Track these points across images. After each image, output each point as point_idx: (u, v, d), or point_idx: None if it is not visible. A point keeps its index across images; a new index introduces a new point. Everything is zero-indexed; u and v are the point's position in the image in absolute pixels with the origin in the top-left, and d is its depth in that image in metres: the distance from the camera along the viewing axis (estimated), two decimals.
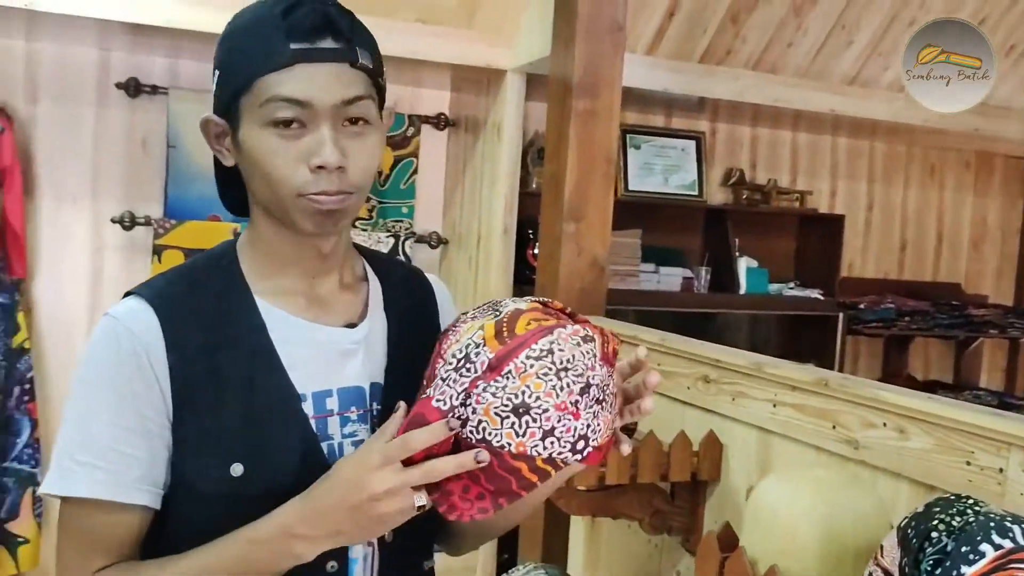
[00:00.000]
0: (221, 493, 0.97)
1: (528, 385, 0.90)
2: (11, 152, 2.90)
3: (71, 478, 0.96)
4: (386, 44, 3.07)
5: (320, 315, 1.06)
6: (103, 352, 0.98)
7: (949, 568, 0.97)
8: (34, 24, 2.88)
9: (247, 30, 0.98)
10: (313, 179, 0.97)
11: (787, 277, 4.04)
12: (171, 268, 1.08)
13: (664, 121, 3.91)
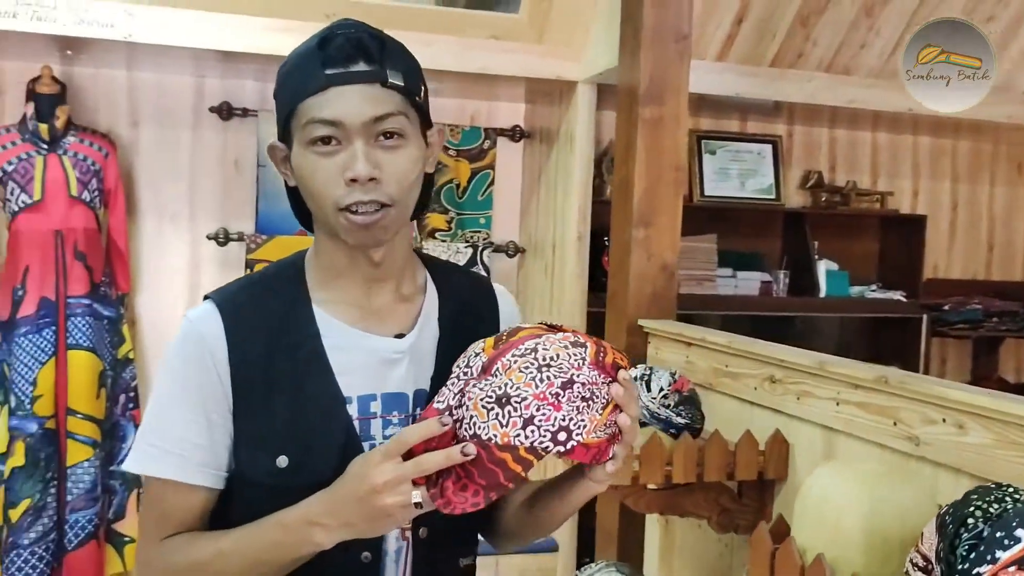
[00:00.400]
0: (268, 482, 1.07)
1: (511, 379, 0.97)
2: (115, 175, 3.11)
3: (145, 459, 1.09)
4: (460, 61, 3.19)
5: (373, 325, 1.14)
6: (178, 353, 1.11)
7: (983, 552, 1.00)
8: (134, 55, 3.09)
9: (293, 63, 1.10)
10: (347, 191, 1.05)
11: (869, 279, 4.00)
12: (247, 275, 1.19)
13: (739, 126, 3.92)
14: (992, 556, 0.99)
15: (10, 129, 2.99)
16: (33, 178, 2.94)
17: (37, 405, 2.91)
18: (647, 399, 1.92)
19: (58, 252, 2.95)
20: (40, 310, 2.92)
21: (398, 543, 1.13)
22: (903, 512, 1.21)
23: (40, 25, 2.71)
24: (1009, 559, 0.98)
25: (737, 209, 3.83)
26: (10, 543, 2.88)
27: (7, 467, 2.90)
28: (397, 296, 1.17)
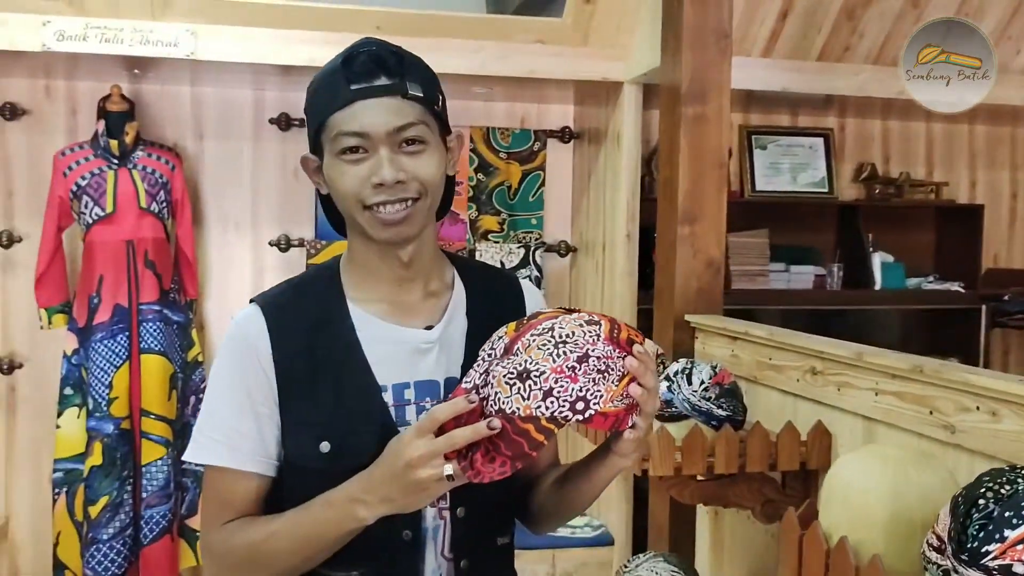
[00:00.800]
0: (313, 467, 1.16)
1: (531, 356, 1.04)
2: (182, 186, 3.26)
3: (200, 450, 1.19)
4: (508, 66, 3.27)
5: (403, 318, 1.22)
6: (226, 352, 1.21)
7: (992, 532, 1.03)
8: (197, 72, 3.24)
9: (320, 81, 1.19)
10: (373, 193, 1.15)
11: (926, 271, 3.96)
12: (288, 279, 1.28)
13: (790, 120, 3.92)
14: (1000, 535, 1.02)
15: (83, 146, 3.17)
16: (105, 192, 3.11)
17: (113, 407, 3.07)
18: (688, 392, 1.96)
19: (130, 261, 3.11)
20: (114, 316, 3.09)
21: (436, 522, 1.20)
22: (926, 495, 1.24)
23: (108, 47, 2.86)
24: (1017, 537, 1.02)
25: (789, 203, 3.83)
26: (90, 538, 3.04)
27: (86, 466, 3.06)
28: (426, 292, 1.25)
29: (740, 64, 2.80)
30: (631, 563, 2.21)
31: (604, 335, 1.06)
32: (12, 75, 3.30)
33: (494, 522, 1.27)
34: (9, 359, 3.33)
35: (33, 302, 3.19)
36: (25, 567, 3.40)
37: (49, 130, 3.35)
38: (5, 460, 3.38)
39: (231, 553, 1.18)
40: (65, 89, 3.37)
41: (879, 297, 3.78)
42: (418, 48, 3.41)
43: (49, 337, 3.27)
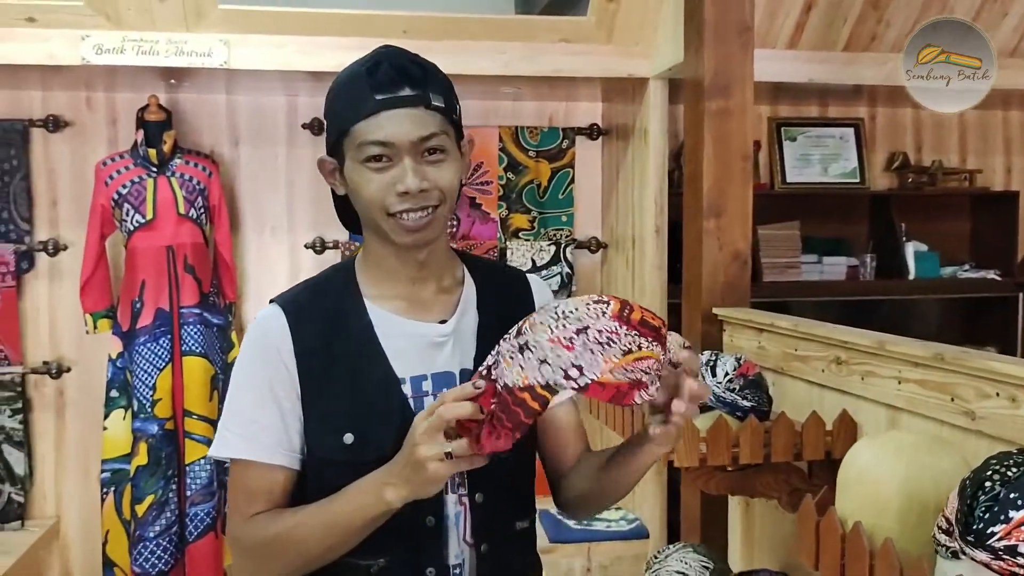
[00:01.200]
0: (337, 458, 1.21)
1: (533, 331, 1.07)
2: (219, 192, 3.35)
3: (224, 443, 1.24)
4: (534, 66, 3.31)
5: (419, 314, 1.28)
6: (249, 349, 1.26)
7: (997, 513, 1.05)
8: (232, 80, 3.32)
9: (343, 88, 1.24)
10: (398, 200, 1.19)
11: (961, 260, 3.92)
12: (304, 280, 1.34)
13: (819, 111, 3.91)
14: (1005, 516, 1.04)
15: (123, 155, 3.26)
16: (145, 199, 3.20)
17: (157, 408, 3.16)
18: (713, 384, 1.99)
19: (170, 266, 3.20)
20: (156, 320, 3.18)
21: (457, 508, 1.25)
22: (940, 481, 1.26)
23: (145, 59, 2.95)
24: (1022, 518, 1.03)
25: (820, 195, 3.82)
26: (138, 536, 3.14)
27: (132, 466, 3.16)
28: (439, 289, 1.30)
29: (766, 56, 2.81)
30: (661, 554, 2.24)
31: (612, 313, 1.08)
32: (55, 88, 3.41)
33: (512, 507, 1.32)
34: (58, 363, 3.44)
35: (79, 308, 3.30)
36: (76, 565, 3.51)
37: (91, 141, 3.46)
38: (55, 461, 3.49)
39: (259, 544, 1.22)
40: (105, 101, 3.47)
41: (913, 287, 3.76)
42: (445, 51, 3.49)
43: (95, 341, 3.37)
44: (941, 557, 1.14)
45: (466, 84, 3.32)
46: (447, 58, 3.03)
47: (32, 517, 3.44)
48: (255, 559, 1.24)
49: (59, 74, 3.16)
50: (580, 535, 3.25)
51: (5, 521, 3.32)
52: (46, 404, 3.48)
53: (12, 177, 3.38)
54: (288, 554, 1.20)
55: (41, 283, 3.46)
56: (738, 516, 2.55)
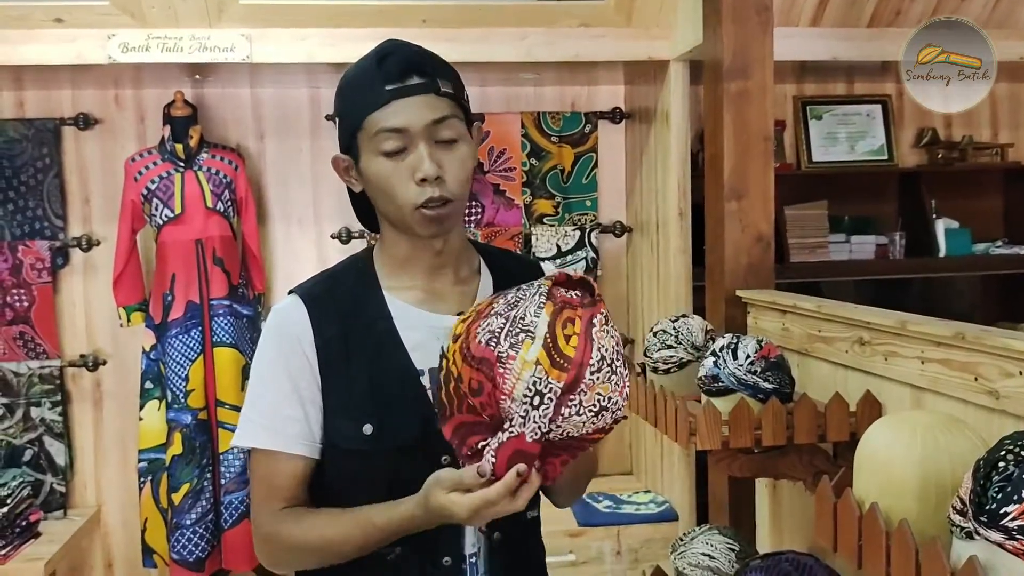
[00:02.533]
0: (357, 448, 1.23)
1: (599, 392, 1.11)
2: (245, 185, 3.39)
3: (247, 434, 1.27)
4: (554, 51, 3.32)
5: (436, 305, 1.29)
6: (270, 340, 1.29)
7: (1010, 493, 1.04)
8: (256, 74, 3.35)
9: (354, 82, 1.26)
10: (419, 191, 1.21)
11: (995, 236, 3.86)
12: (322, 271, 1.36)
13: (846, 89, 3.86)
14: (1019, 496, 1.03)
15: (151, 151, 3.31)
16: (173, 194, 3.25)
17: (190, 399, 3.22)
18: (734, 366, 1.98)
19: (199, 259, 3.25)
20: (187, 312, 3.23)
21: None
22: (956, 461, 1.25)
23: (170, 55, 3.00)
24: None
25: (848, 174, 3.78)
26: (175, 523, 3.21)
27: (168, 455, 3.22)
28: (456, 279, 1.32)
29: (788, 34, 2.78)
30: (687, 536, 2.25)
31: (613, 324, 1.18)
32: (84, 87, 3.47)
33: None
34: (94, 356, 3.51)
35: (113, 302, 3.36)
36: (118, 552, 3.60)
37: (120, 137, 3.52)
38: (94, 452, 3.57)
39: (296, 547, 1.25)
40: (133, 98, 3.52)
41: (944, 264, 3.71)
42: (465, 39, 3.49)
43: (129, 334, 3.44)
44: (956, 538, 1.14)
45: (487, 71, 3.34)
46: (467, 46, 3.11)
47: (74, 506, 3.53)
48: (279, 551, 1.27)
49: (88, 73, 3.22)
50: (609, 518, 3.26)
51: (48, 511, 3.41)
52: (84, 396, 3.56)
53: (45, 175, 3.44)
54: (323, 558, 1.25)
55: (76, 278, 3.53)
56: (765, 498, 2.55)
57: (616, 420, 1.12)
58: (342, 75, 1.29)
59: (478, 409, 1.12)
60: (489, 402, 1.11)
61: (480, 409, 1.12)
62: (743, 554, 2.13)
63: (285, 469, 1.25)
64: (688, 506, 3.28)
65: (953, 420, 1.33)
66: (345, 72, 1.28)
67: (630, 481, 3.68)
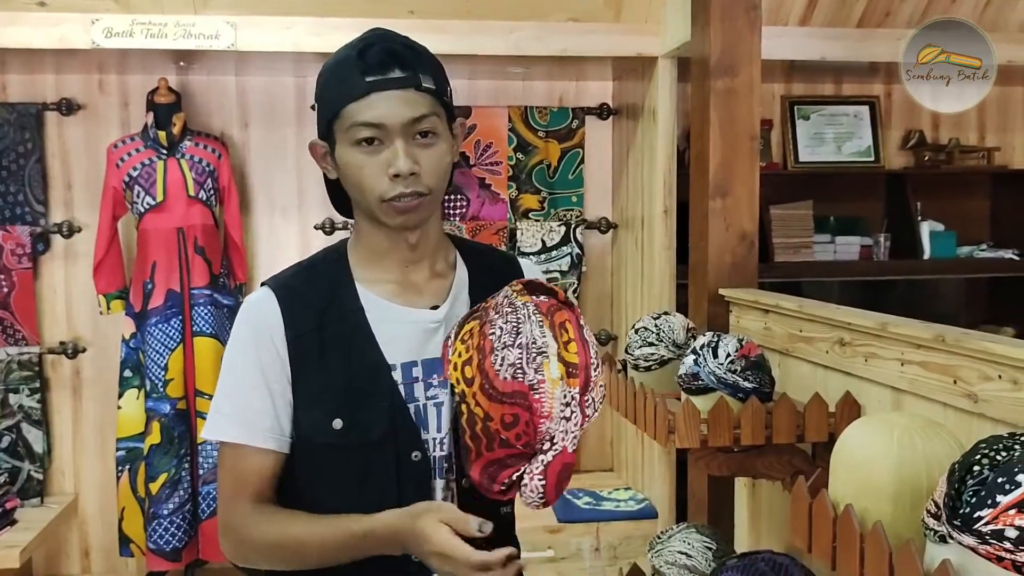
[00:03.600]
0: (326, 442, 1.22)
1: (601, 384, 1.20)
2: (228, 174, 3.36)
3: (217, 427, 1.25)
4: (542, 45, 3.30)
5: (411, 299, 1.28)
6: (240, 333, 1.27)
7: (984, 497, 1.04)
8: (241, 62, 3.32)
9: (334, 70, 1.24)
10: (391, 185, 1.19)
11: (980, 239, 3.87)
12: (297, 263, 1.34)
13: (834, 89, 3.86)
14: (993, 500, 1.03)
15: (134, 138, 3.28)
16: (155, 181, 3.22)
17: (169, 388, 3.20)
18: (714, 365, 1.98)
19: (180, 248, 3.23)
20: (167, 301, 3.21)
21: (444, 493, 1.26)
22: (932, 463, 1.24)
23: (154, 42, 2.96)
24: (1009, 503, 1.02)
25: (834, 174, 3.78)
26: (152, 513, 3.18)
27: (146, 445, 3.20)
28: (431, 272, 1.30)
29: (777, 33, 2.78)
30: (664, 534, 2.25)
31: None
32: (68, 72, 3.43)
33: None
34: (74, 344, 3.48)
35: (93, 289, 3.33)
36: (94, 540, 3.57)
37: (103, 123, 3.48)
38: (73, 440, 3.54)
39: (250, 542, 1.24)
40: (117, 83, 3.49)
41: (928, 267, 3.71)
42: (454, 31, 3.47)
43: (109, 322, 3.41)
44: (930, 541, 1.13)
45: (475, 64, 3.32)
46: (455, 38, 3.09)
47: (51, 494, 3.50)
48: (246, 549, 1.25)
49: (72, 58, 3.19)
50: (589, 515, 3.26)
51: (25, 498, 3.38)
52: (63, 384, 3.53)
53: (27, 160, 3.41)
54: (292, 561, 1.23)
55: (57, 265, 3.50)
56: (744, 498, 2.54)
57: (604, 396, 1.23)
58: (326, 61, 1.27)
59: (512, 441, 1.15)
60: (526, 430, 1.15)
61: (515, 440, 1.15)
62: (720, 553, 2.13)
63: (254, 463, 1.23)
64: (668, 504, 3.27)
65: (930, 423, 1.33)
66: (328, 58, 1.27)
67: (610, 478, 3.68)
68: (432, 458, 1.24)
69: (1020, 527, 1.00)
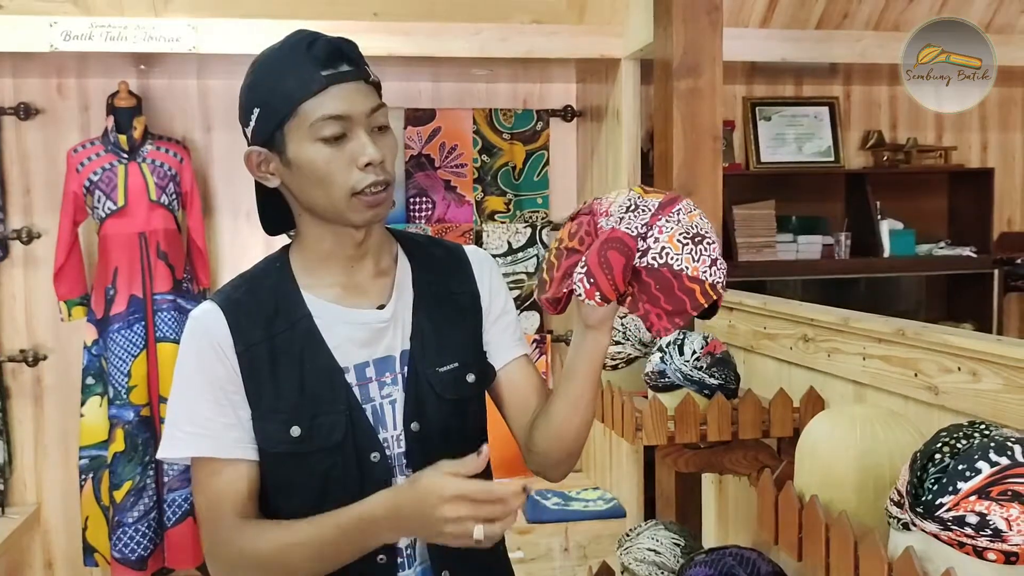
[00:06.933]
0: (285, 451, 1.19)
1: (696, 222, 1.11)
2: (190, 178, 3.33)
3: (180, 444, 1.20)
4: (506, 47, 3.30)
5: (356, 300, 1.26)
6: (190, 347, 1.22)
7: (946, 484, 1.06)
8: (203, 65, 3.29)
9: (277, 69, 1.19)
10: (362, 176, 1.18)
11: (938, 237, 3.94)
12: (240, 274, 1.30)
13: (795, 90, 3.91)
14: (954, 487, 1.05)
15: (95, 142, 3.24)
16: (116, 186, 3.18)
17: (132, 395, 3.15)
18: (680, 362, 2.00)
19: (142, 253, 3.19)
20: (130, 307, 3.17)
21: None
22: (895, 453, 1.27)
23: (114, 44, 2.92)
24: (969, 489, 1.04)
25: (795, 174, 3.83)
26: (116, 521, 3.14)
27: (110, 452, 3.16)
28: (376, 271, 1.29)
29: (738, 35, 2.81)
30: (633, 532, 2.26)
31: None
32: (26, 75, 3.38)
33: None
34: (34, 351, 3.43)
35: (54, 295, 3.28)
36: (58, 551, 3.51)
37: (63, 128, 3.43)
38: (34, 449, 3.48)
39: (243, 560, 1.18)
40: (77, 87, 3.44)
41: (888, 264, 3.78)
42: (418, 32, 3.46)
43: (71, 329, 3.36)
44: (893, 529, 1.15)
45: (439, 66, 3.32)
46: (420, 40, 3.09)
47: (12, 504, 3.44)
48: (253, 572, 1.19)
49: (30, 61, 3.13)
50: (558, 515, 3.27)
51: None
52: (24, 392, 3.47)
53: None
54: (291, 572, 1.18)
55: (16, 271, 3.44)
56: (711, 493, 2.57)
57: (716, 282, 1.09)
58: (251, 67, 1.23)
59: (577, 248, 1.15)
60: (589, 230, 1.14)
61: (580, 245, 1.15)
62: (688, 549, 2.15)
63: (229, 476, 1.20)
64: (636, 502, 3.29)
65: (891, 414, 1.35)
66: (256, 63, 1.23)
67: (579, 478, 3.69)
68: (391, 456, 1.24)
69: (981, 513, 1.02)
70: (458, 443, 1.20)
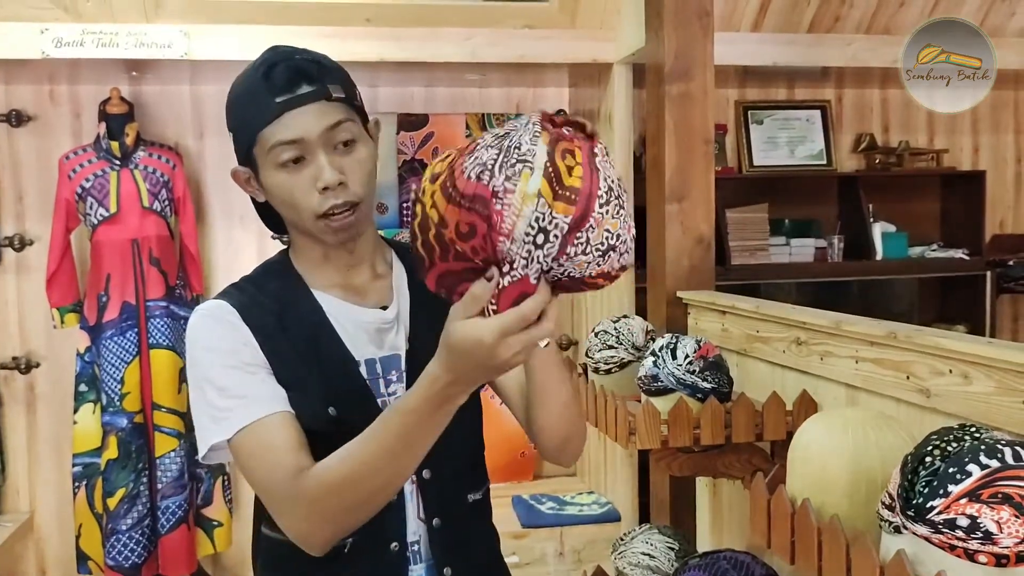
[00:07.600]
0: (319, 429, 1.18)
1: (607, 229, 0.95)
2: (183, 184, 3.33)
3: (225, 422, 1.16)
4: (499, 52, 3.30)
5: (358, 300, 1.28)
6: (207, 333, 1.21)
7: (936, 487, 1.06)
8: (196, 71, 3.29)
9: (242, 97, 1.22)
10: (322, 199, 1.18)
11: (930, 239, 3.96)
12: (237, 280, 1.30)
13: (787, 94, 3.92)
14: (944, 490, 1.05)
15: (87, 149, 3.24)
16: (109, 193, 3.18)
17: (125, 401, 3.15)
18: (673, 366, 2.00)
19: (135, 259, 3.18)
20: (123, 314, 3.16)
21: (409, 485, 1.26)
22: (886, 457, 1.27)
23: (105, 51, 2.92)
24: (960, 492, 1.04)
25: (788, 177, 3.84)
26: (110, 529, 3.13)
27: (103, 460, 3.15)
28: (372, 274, 1.31)
29: (729, 39, 2.81)
30: (627, 536, 2.26)
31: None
32: (18, 82, 3.38)
33: (462, 481, 1.33)
34: (27, 359, 3.42)
35: (46, 302, 3.27)
36: (51, 558, 3.50)
37: (55, 134, 3.42)
38: (28, 456, 3.47)
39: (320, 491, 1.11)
40: (68, 94, 3.44)
41: (881, 267, 3.79)
42: (410, 38, 3.45)
43: (64, 336, 3.35)
44: (885, 532, 1.16)
45: (432, 71, 3.32)
46: (412, 45, 3.09)
47: (6, 512, 3.43)
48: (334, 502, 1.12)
49: (22, 68, 3.13)
50: (552, 519, 3.27)
51: None
52: (17, 399, 3.46)
53: None
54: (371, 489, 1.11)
55: (9, 278, 3.43)
56: (706, 497, 2.57)
57: (623, 266, 0.98)
58: (230, 89, 1.25)
59: (468, 255, 0.97)
60: (484, 245, 0.95)
61: (472, 254, 0.96)
62: (683, 553, 2.15)
63: (282, 427, 1.16)
64: (631, 506, 3.29)
65: (883, 417, 1.35)
66: (232, 85, 1.25)
67: (573, 482, 3.69)
68: None
69: (971, 515, 1.03)
70: (457, 440, 1.21)
